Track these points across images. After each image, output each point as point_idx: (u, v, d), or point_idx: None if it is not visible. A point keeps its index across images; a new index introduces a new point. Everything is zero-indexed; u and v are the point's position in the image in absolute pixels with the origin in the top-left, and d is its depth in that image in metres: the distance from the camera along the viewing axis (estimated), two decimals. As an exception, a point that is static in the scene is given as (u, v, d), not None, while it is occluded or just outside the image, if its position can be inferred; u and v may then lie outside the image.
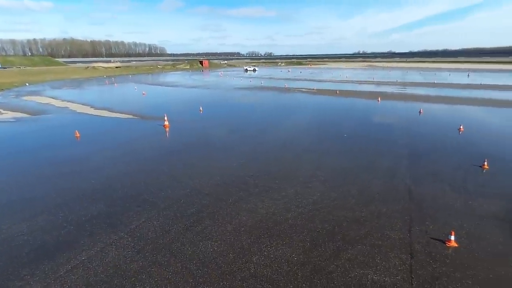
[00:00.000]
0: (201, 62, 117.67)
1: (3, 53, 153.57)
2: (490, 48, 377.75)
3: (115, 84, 50.34)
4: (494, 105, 27.94)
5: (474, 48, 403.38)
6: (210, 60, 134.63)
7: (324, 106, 28.66)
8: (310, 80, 57.11)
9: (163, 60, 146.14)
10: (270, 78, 62.87)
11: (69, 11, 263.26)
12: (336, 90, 38.70)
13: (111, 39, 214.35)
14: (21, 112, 25.60)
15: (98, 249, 7.36)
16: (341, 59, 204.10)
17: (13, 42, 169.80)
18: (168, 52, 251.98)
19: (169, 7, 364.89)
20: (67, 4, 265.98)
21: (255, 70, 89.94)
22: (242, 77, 64.99)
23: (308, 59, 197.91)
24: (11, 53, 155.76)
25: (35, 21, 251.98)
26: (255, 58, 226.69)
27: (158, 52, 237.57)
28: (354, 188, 10.60)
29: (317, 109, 26.69)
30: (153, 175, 11.91)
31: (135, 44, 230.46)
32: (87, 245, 7.53)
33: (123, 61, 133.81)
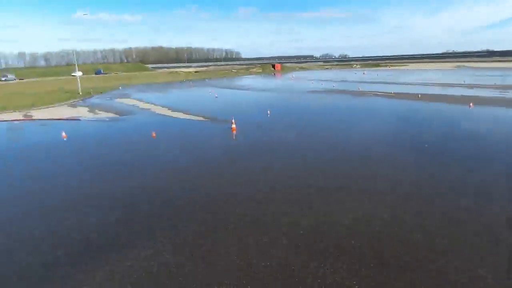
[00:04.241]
0: (273, 66, 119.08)
1: (105, 61, 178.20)
2: None
3: (193, 88, 53.92)
4: None
5: None
6: (283, 64, 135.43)
7: (403, 111, 26.03)
8: (387, 82, 52.98)
9: (238, 64, 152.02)
10: (343, 80, 60.25)
11: (157, 22, 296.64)
12: (418, 94, 34.99)
13: (192, 45, 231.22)
14: (112, 113, 28.95)
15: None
16: (424, 60, 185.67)
17: (113, 51, 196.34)
18: (243, 56, 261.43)
19: (244, 14, 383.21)
20: (156, 16, 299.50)
21: None
22: (313, 80, 63.61)
23: (386, 61, 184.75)
24: (112, 61, 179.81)
25: (130, 32, 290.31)
26: (328, 61, 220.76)
27: (234, 57, 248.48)
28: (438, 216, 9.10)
29: (394, 114, 24.38)
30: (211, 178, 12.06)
31: (213, 50, 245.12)
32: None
33: (201, 66, 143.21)
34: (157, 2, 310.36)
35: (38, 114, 29.22)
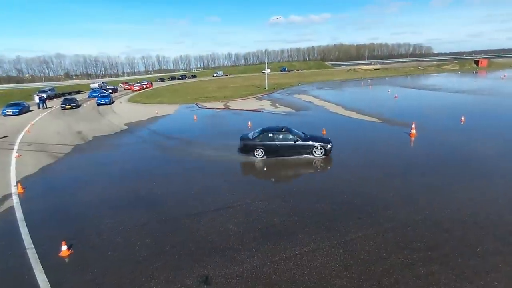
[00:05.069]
0: (476, 62, 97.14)
1: (290, 59, 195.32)
2: None
3: (370, 86, 51.15)
4: None
5: None
6: (491, 59, 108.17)
7: None
8: None
9: (426, 61, 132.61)
10: None
11: (340, 19, 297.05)
12: None
13: (376, 41, 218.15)
14: (289, 108, 31.32)
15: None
16: None
17: (297, 50, 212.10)
18: (435, 51, 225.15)
19: (442, 3, 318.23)
20: (341, 13, 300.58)
21: None
22: (539, 80, 47.46)
23: None
24: (295, 59, 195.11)
25: (314, 32, 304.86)
26: None
27: (423, 52, 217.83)
28: None
29: None
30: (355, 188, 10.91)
31: (399, 45, 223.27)
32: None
33: (383, 63, 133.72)
34: (343, 1, 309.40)
35: (233, 104, 35.26)
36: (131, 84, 69.81)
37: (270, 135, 14.68)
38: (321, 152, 14.44)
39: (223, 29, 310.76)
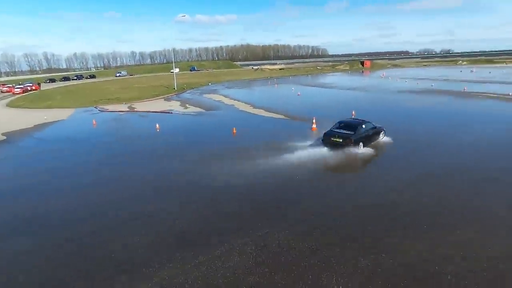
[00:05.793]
0: (362, 63, 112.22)
1: (199, 59, 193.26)
2: None
3: (276, 85, 54.10)
4: None
5: None
6: (373, 61, 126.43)
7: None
8: (503, 82, 44.56)
9: (323, 62, 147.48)
10: (445, 79, 52.90)
11: (247, 21, 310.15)
12: (548, 97, 28.39)
13: (279, 43, 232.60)
14: (199, 108, 30.87)
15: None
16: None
17: (206, 49, 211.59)
18: (330, 53, 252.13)
19: (334, 9, 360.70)
20: (247, 15, 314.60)
21: None
22: (407, 78, 57.29)
23: (502, 56, 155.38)
24: (204, 59, 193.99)
25: (222, 32, 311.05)
26: (427, 57, 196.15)
27: (320, 54, 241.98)
28: None
29: None
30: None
31: (299, 47, 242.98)
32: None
33: (287, 63, 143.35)
34: (248, 3, 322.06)
35: (139, 106, 33.00)
36: (11, 86, 59.01)
37: (364, 126, 15.11)
38: (383, 135, 16.22)
39: (125, 26, 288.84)
